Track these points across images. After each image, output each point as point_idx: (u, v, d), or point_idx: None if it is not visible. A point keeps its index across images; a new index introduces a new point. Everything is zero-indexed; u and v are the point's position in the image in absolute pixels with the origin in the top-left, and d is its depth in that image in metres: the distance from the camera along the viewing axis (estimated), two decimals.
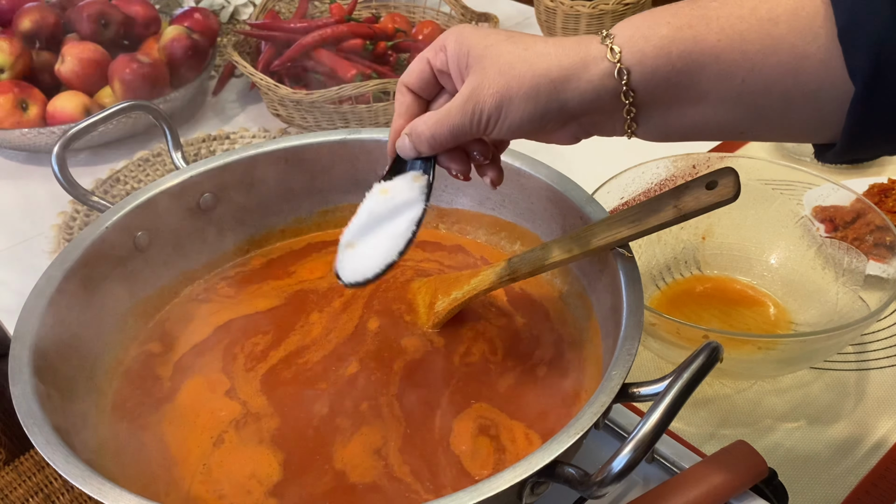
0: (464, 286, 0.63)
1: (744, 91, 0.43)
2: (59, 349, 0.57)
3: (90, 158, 1.07)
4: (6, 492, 1.04)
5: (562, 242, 0.59)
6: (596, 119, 0.48)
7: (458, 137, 0.50)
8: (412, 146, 0.52)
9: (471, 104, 0.48)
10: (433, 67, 0.51)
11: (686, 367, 0.43)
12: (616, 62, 0.44)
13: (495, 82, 0.47)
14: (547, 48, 0.46)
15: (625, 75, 0.44)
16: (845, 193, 0.76)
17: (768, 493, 0.55)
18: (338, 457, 0.55)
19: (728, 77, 0.43)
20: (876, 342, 0.75)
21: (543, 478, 0.44)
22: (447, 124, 0.49)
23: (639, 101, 0.45)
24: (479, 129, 0.49)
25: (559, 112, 0.47)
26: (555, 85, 0.46)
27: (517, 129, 0.48)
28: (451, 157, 0.53)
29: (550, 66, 0.46)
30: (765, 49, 0.42)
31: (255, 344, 0.65)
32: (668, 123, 0.47)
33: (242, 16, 1.32)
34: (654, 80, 0.44)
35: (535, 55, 0.46)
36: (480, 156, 0.53)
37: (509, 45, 0.47)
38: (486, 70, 0.47)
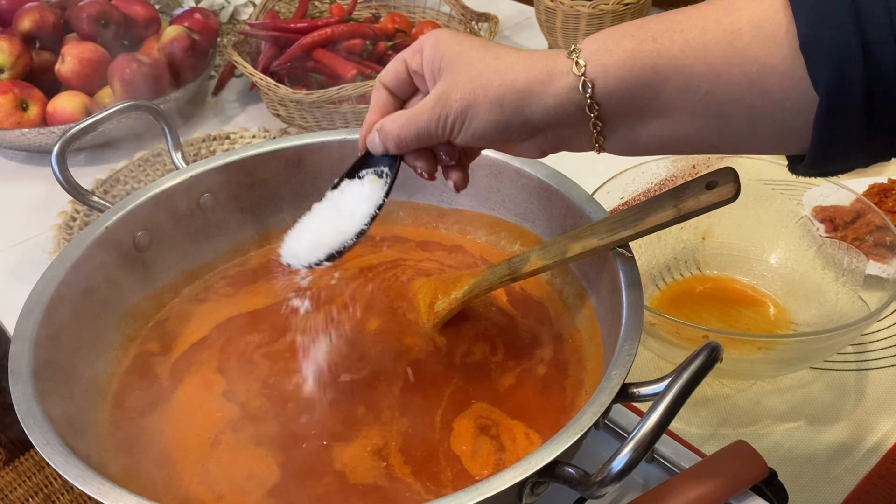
0: (464, 286, 0.63)
1: (709, 102, 0.43)
2: (59, 349, 0.57)
3: (90, 158, 1.07)
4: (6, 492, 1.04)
5: (562, 242, 0.59)
6: (562, 133, 0.48)
7: (423, 139, 0.51)
8: (381, 143, 0.53)
9: (438, 108, 0.48)
10: (409, 68, 0.52)
11: (686, 367, 0.44)
12: (580, 75, 0.45)
13: (463, 88, 0.47)
14: (517, 59, 0.47)
15: (589, 88, 0.44)
16: (845, 193, 0.76)
17: (768, 493, 0.55)
18: (338, 457, 0.55)
19: (692, 89, 0.43)
20: (876, 342, 0.75)
21: (543, 478, 0.44)
22: (414, 126, 0.50)
23: (604, 115, 0.46)
24: (444, 134, 0.50)
25: (524, 124, 0.47)
26: (520, 96, 0.46)
27: (481, 137, 0.49)
28: (417, 157, 0.53)
29: (518, 76, 0.46)
30: (728, 60, 0.42)
31: (255, 344, 0.65)
32: (635, 137, 0.47)
33: (242, 16, 1.32)
34: (617, 92, 0.44)
35: (504, 65, 0.47)
36: (446, 156, 0.54)
37: (481, 53, 0.48)
38: (455, 76, 0.48)
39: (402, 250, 0.74)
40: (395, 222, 0.76)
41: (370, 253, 0.74)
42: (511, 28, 1.35)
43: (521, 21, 1.37)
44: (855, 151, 0.42)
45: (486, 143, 0.50)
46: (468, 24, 1.20)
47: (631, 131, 0.46)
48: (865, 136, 0.41)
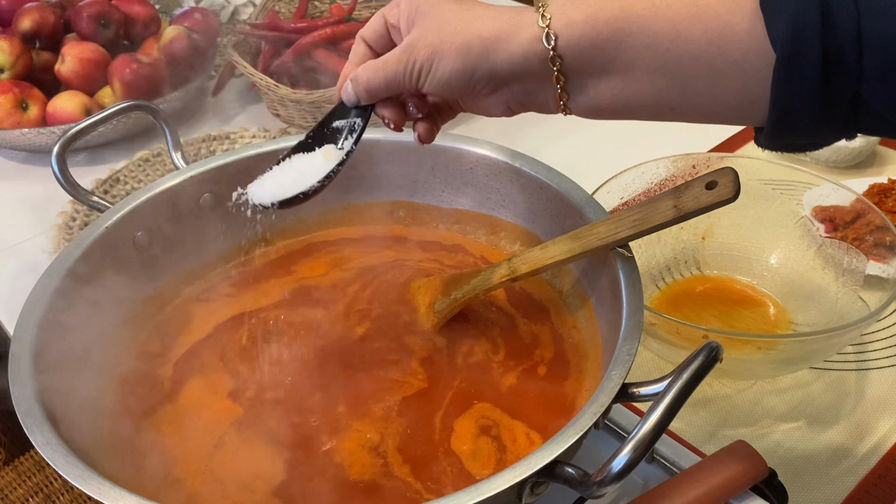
0: (464, 286, 0.63)
1: (669, 60, 0.44)
2: (59, 349, 0.57)
3: (90, 158, 1.07)
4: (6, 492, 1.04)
5: (562, 242, 0.59)
6: (527, 87, 0.49)
7: (391, 87, 0.52)
8: (353, 93, 0.54)
9: (406, 55, 0.50)
10: (387, 22, 0.53)
11: (686, 367, 0.43)
12: (545, 27, 0.46)
13: (430, 36, 0.49)
14: (485, 11, 0.48)
15: (552, 40, 0.46)
16: (845, 193, 0.76)
17: (768, 493, 0.55)
18: (339, 457, 0.55)
19: (653, 46, 0.44)
20: (876, 342, 0.75)
21: (543, 478, 0.44)
22: (382, 72, 0.51)
23: (566, 68, 0.47)
24: (411, 81, 0.51)
25: (489, 73, 0.48)
26: (485, 45, 0.47)
27: (446, 85, 0.50)
28: (385, 105, 0.54)
29: (484, 26, 0.47)
30: (689, 17, 0.43)
31: (256, 344, 0.65)
32: (598, 96, 0.48)
33: (242, 16, 1.32)
34: (580, 46, 0.46)
35: (472, 16, 0.48)
36: (414, 108, 0.55)
37: (453, 5, 0.49)
38: (425, 25, 0.49)
39: (401, 250, 0.74)
40: (395, 222, 0.76)
41: (370, 253, 0.74)
42: None
43: None
44: (814, 119, 0.42)
45: (452, 92, 0.51)
46: None
47: (593, 88, 0.47)
48: (823, 100, 0.41)
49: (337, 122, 0.56)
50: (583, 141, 1.05)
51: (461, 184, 0.73)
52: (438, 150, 0.72)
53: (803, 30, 0.39)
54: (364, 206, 0.76)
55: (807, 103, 0.41)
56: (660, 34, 0.44)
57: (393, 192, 0.75)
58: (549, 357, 0.62)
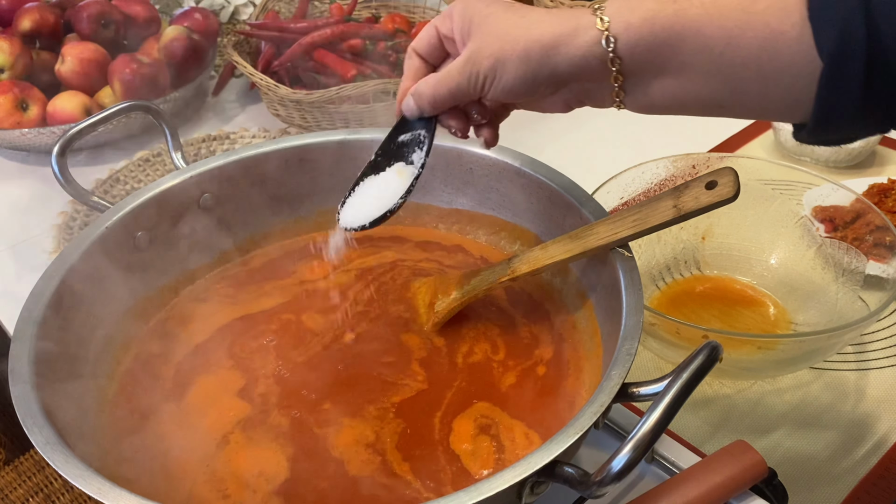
0: (464, 286, 0.63)
1: (722, 64, 0.46)
2: (59, 349, 0.57)
3: (90, 158, 1.07)
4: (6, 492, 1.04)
5: (562, 242, 0.59)
6: (586, 86, 0.51)
7: (456, 97, 0.54)
8: (416, 106, 0.56)
9: (469, 66, 0.51)
10: (440, 34, 0.55)
11: (685, 367, 0.43)
12: (604, 30, 0.47)
13: (492, 46, 0.50)
14: (542, 16, 0.50)
15: (612, 43, 0.47)
16: (845, 193, 0.76)
17: (768, 493, 0.55)
18: (339, 456, 0.55)
19: (707, 49, 0.46)
20: (876, 342, 0.75)
21: (543, 477, 0.44)
22: (446, 85, 0.53)
23: (625, 69, 0.48)
24: (476, 90, 0.52)
25: (550, 76, 0.50)
26: (546, 50, 0.49)
27: (510, 90, 0.51)
28: (450, 116, 0.56)
29: (544, 32, 0.49)
30: (741, 24, 0.45)
31: (256, 344, 0.65)
32: (652, 94, 0.49)
33: (242, 16, 1.32)
34: (638, 48, 0.47)
35: (530, 22, 0.50)
36: (478, 115, 0.56)
37: (509, 14, 0.51)
38: (484, 35, 0.51)
39: (401, 251, 0.74)
40: (395, 222, 0.76)
41: (369, 254, 0.74)
42: None
43: None
44: (855, 119, 0.44)
45: (515, 97, 0.52)
46: None
47: (649, 87, 0.49)
48: (865, 103, 0.43)
49: (402, 136, 0.57)
50: (583, 141, 1.05)
51: (461, 184, 0.73)
52: (438, 150, 0.72)
53: (849, 42, 0.41)
54: None
55: (849, 107, 0.44)
56: (713, 39, 0.45)
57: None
58: (549, 357, 0.62)
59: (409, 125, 0.57)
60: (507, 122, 0.60)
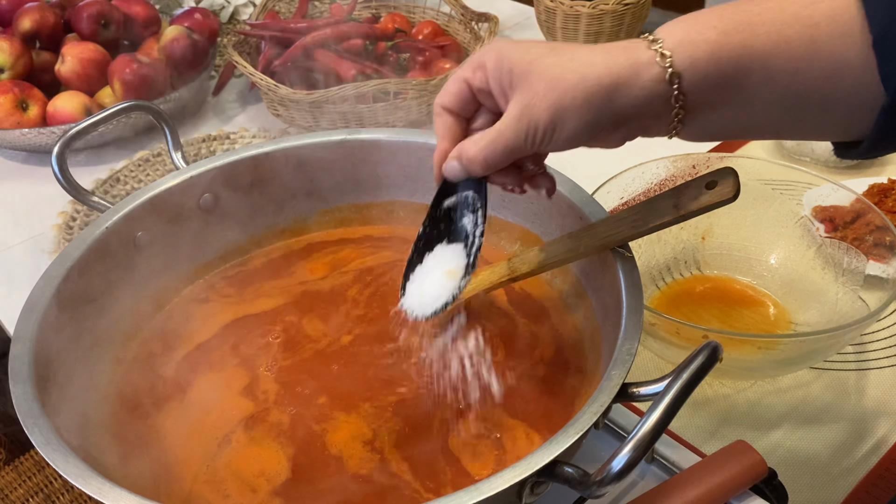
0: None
1: (787, 94, 0.44)
2: (60, 349, 0.57)
3: (90, 158, 1.07)
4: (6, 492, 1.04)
5: (562, 242, 0.59)
6: (645, 122, 0.48)
7: (511, 156, 0.50)
8: (462, 168, 0.51)
9: (524, 122, 0.47)
10: (472, 87, 0.50)
11: (685, 367, 0.43)
12: (667, 67, 0.44)
13: (547, 97, 0.46)
14: (593, 56, 0.46)
15: (676, 81, 0.45)
16: (845, 193, 0.76)
17: (768, 493, 0.55)
18: (339, 455, 0.55)
19: (773, 81, 0.44)
20: (876, 342, 0.75)
21: (543, 477, 0.44)
22: (501, 144, 0.49)
23: (688, 105, 0.46)
24: (533, 146, 0.49)
25: (613, 118, 0.47)
26: (607, 93, 0.46)
27: (572, 140, 0.48)
28: (503, 174, 0.52)
29: (601, 74, 0.45)
30: (808, 54, 0.43)
31: (256, 344, 0.65)
32: (711, 124, 0.47)
33: (242, 16, 1.32)
34: (704, 84, 0.45)
35: (582, 65, 0.46)
36: (534, 166, 0.53)
37: (553, 58, 0.47)
38: (533, 85, 0.47)
39: (400, 250, 0.74)
40: (395, 222, 0.76)
41: (369, 254, 0.74)
42: (511, 28, 1.35)
43: (521, 21, 1.37)
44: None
45: (575, 145, 0.49)
46: (468, 24, 1.20)
47: (708, 119, 0.47)
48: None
49: (448, 201, 0.54)
50: None
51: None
52: None
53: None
54: (364, 206, 0.76)
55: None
56: (780, 72, 0.44)
57: (393, 192, 0.75)
58: (549, 357, 0.62)
59: (454, 188, 0.54)
60: None
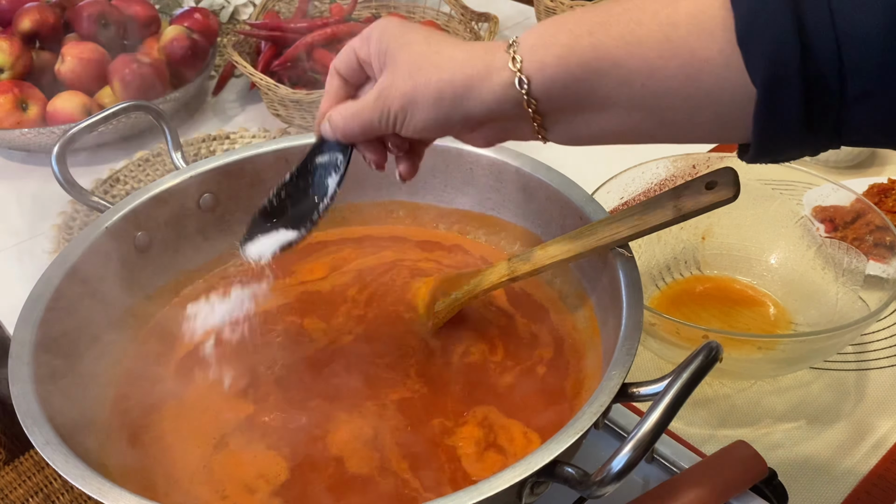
0: (463, 286, 0.63)
1: (645, 95, 0.43)
2: (59, 349, 0.57)
3: (90, 158, 1.07)
4: (6, 492, 1.04)
5: (562, 242, 0.59)
6: (505, 125, 0.49)
7: (367, 133, 0.52)
8: (330, 132, 0.54)
9: (380, 103, 0.49)
10: (358, 57, 0.52)
11: (685, 367, 0.44)
12: (516, 71, 0.45)
13: (403, 84, 0.48)
14: (455, 53, 0.47)
15: (525, 84, 0.45)
16: (845, 193, 0.76)
17: (768, 493, 0.55)
18: (338, 455, 0.55)
19: (628, 83, 0.43)
20: (876, 342, 0.75)
21: (543, 477, 0.44)
22: (358, 119, 0.51)
23: (542, 109, 0.46)
24: (387, 128, 0.50)
25: (464, 118, 0.48)
26: (457, 92, 0.46)
27: (423, 131, 0.50)
28: (366, 147, 0.54)
29: (455, 72, 0.46)
30: (664, 54, 0.42)
31: (256, 344, 0.65)
32: (577, 129, 0.47)
33: (242, 16, 1.32)
34: (553, 88, 0.45)
35: (442, 59, 0.47)
36: (395, 147, 0.54)
37: (423, 47, 0.48)
38: (397, 70, 0.48)
39: (400, 250, 0.74)
40: (395, 222, 0.76)
41: (369, 254, 0.74)
42: (511, 28, 1.35)
43: (521, 21, 1.37)
44: (799, 142, 0.42)
45: (428, 135, 0.51)
46: (468, 24, 1.20)
47: (571, 124, 0.47)
48: (807, 128, 0.40)
49: (319, 157, 0.56)
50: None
51: (461, 184, 0.73)
52: (438, 149, 0.72)
53: (784, 65, 0.38)
54: (364, 206, 0.76)
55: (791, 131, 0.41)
56: (634, 72, 0.43)
57: (393, 192, 0.75)
58: (549, 357, 0.62)
59: (327, 146, 0.55)
60: None
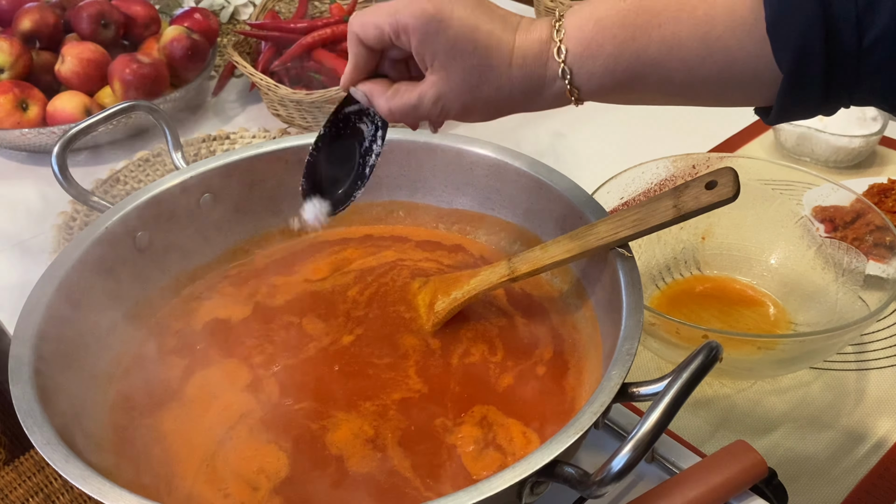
0: (463, 286, 0.63)
1: (682, 87, 0.48)
2: (59, 349, 0.57)
3: (90, 158, 1.07)
4: (6, 492, 1.04)
5: (562, 242, 0.59)
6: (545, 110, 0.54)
7: (415, 120, 0.55)
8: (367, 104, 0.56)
9: (437, 107, 0.52)
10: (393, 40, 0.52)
11: (685, 367, 0.44)
12: (567, 82, 0.50)
13: (462, 97, 0.51)
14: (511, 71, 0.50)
15: (576, 93, 0.50)
16: (845, 193, 0.76)
17: (768, 493, 0.55)
18: (339, 454, 0.55)
19: (667, 80, 0.48)
20: (876, 342, 0.75)
21: (543, 477, 0.44)
22: (412, 114, 0.54)
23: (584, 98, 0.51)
24: (440, 120, 0.55)
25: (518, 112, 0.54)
26: (515, 104, 0.52)
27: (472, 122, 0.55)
28: None
29: (514, 91, 0.51)
30: (702, 55, 0.46)
31: (256, 344, 0.65)
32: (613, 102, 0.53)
33: (242, 16, 1.32)
34: (601, 91, 0.50)
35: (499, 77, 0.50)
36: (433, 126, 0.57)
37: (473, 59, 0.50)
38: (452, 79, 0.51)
39: (401, 250, 0.74)
40: (395, 222, 0.76)
41: (370, 254, 0.74)
42: None
43: None
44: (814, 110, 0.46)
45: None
46: None
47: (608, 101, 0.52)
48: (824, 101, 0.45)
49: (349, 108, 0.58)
50: (583, 141, 1.05)
51: (461, 184, 0.73)
52: (438, 149, 0.72)
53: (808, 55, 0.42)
54: (364, 206, 0.76)
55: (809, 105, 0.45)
56: (673, 72, 0.47)
57: (393, 192, 0.75)
58: (549, 357, 0.62)
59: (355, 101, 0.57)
60: (508, 122, 0.60)
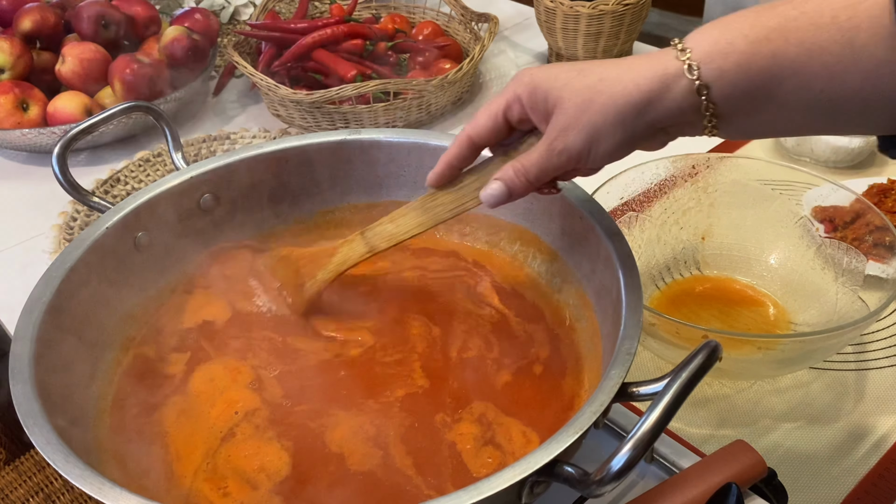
0: (326, 266, 0.65)
1: (822, 99, 0.44)
2: (60, 349, 0.57)
3: (90, 158, 1.07)
4: (6, 492, 1.04)
5: (410, 216, 0.61)
6: (681, 128, 0.49)
7: (540, 182, 0.52)
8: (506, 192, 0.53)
9: (559, 145, 0.49)
10: (510, 120, 0.52)
11: (685, 367, 0.44)
12: (695, 80, 0.45)
13: (579, 120, 0.48)
14: (620, 73, 0.47)
15: (705, 92, 0.45)
16: (845, 193, 0.76)
17: (768, 493, 0.55)
18: (341, 452, 0.55)
19: (806, 88, 0.44)
20: (875, 342, 0.75)
21: (543, 477, 0.44)
22: (545, 172, 0.51)
23: (719, 112, 0.46)
24: (572, 166, 0.51)
25: (646, 130, 0.48)
26: (638, 109, 0.47)
27: (607, 157, 0.50)
28: None
29: (630, 91, 0.47)
30: (845, 60, 0.42)
31: (255, 345, 0.65)
32: (747, 126, 0.48)
33: (243, 16, 1.33)
34: (733, 94, 0.45)
35: (611, 85, 0.47)
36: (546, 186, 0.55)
37: (582, 80, 0.48)
38: (566, 111, 0.48)
39: (402, 250, 0.74)
40: None
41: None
42: (511, 28, 1.35)
43: (520, 21, 1.37)
44: None
45: (616, 159, 0.51)
46: (468, 25, 1.20)
47: (743, 123, 0.47)
48: None
49: None
50: None
51: None
52: (439, 150, 0.72)
53: None
54: (364, 207, 0.76)
55: None
56: (814, 78, 0.43)
57: (393, 193, 0.75)
58: (549, 357, 0.63)
59: None
60: None
